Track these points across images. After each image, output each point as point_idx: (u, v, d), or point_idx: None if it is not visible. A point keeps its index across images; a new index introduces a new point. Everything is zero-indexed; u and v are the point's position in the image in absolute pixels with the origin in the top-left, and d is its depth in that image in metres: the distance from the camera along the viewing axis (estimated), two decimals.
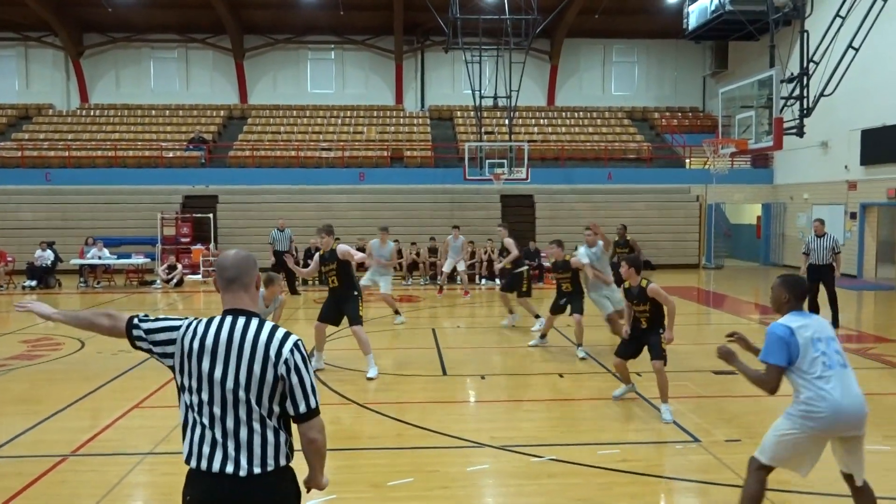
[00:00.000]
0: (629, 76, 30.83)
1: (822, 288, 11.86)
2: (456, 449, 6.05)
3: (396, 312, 12.77)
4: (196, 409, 2.73)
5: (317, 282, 19.16)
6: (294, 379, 2.72)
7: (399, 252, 19.51)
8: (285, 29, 29.18)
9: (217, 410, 2.69)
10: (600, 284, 9.91)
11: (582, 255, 10.17)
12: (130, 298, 16.54)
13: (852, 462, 4.16)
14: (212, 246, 21.53)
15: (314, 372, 8.48)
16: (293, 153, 24.96)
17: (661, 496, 5.19)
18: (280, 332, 2.78)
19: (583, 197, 23.71)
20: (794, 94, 14.20)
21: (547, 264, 20.39)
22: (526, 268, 12.00)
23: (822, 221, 12.31)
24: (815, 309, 11.69)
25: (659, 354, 6.88)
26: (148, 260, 19.91)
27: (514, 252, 11.78)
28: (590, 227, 10.51)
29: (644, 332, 7.10)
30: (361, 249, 19.35)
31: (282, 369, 2.70)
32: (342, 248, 8.66)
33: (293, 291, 16.78)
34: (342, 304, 8.69)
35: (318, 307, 12.84)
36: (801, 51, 14.09)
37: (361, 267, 17.43)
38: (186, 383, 2.76)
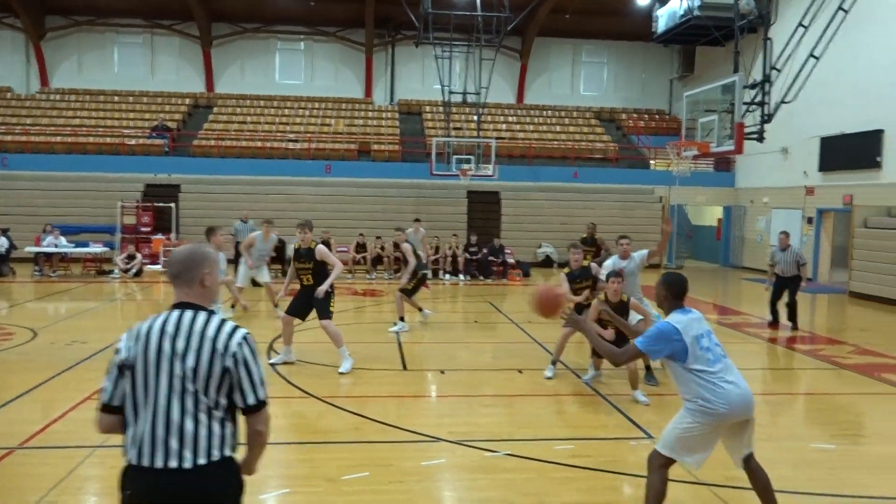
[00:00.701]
0: (598, 77, 31.10)
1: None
2: (413, 443, 6.06)
3: (276, 305, 12.42)
4: (139, 401, 2.70)
5: (279, 274, 18.99)
6: (242, 371, 2.74)
7: (363, 246, 19.47)
8: (255, 18, 28.81)
9: (162, 402, 2.67)
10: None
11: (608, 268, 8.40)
12: (87, 288, 16.21)
13: (741, 442, 4.36)
14: (173, 236, 21.20)
15: (283, 364, 8.52)
16: (259, 144, 24.68)
17: (613, 491, 5.26)
18: (228, 326, 2.79)
19: (549, 195, 23.88)
20: (756, 100, 14.45)
21: (511, 261, 20.58)
22: (425, 272, 11.80)
23: (786, 234, 12.52)
24: (774, 313, 12.45)
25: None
26: (106, 249, 19.51)
27: (412, 260, 11.18)
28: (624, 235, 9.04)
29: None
30: (326, 243, 19.27)
31: (230, 362, 2.71)
32: (321, 249, 8.59)
33: (255, 283, 16.59)
34: (313, 300, 8.60)
35: (281, 300, 12.75)
36: (765, 58, 14.34)
37: (380, 263, 17.33)
38: (130, 376, 2.73)
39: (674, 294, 4.32)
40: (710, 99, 15.42)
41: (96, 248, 19.00)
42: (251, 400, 2.77)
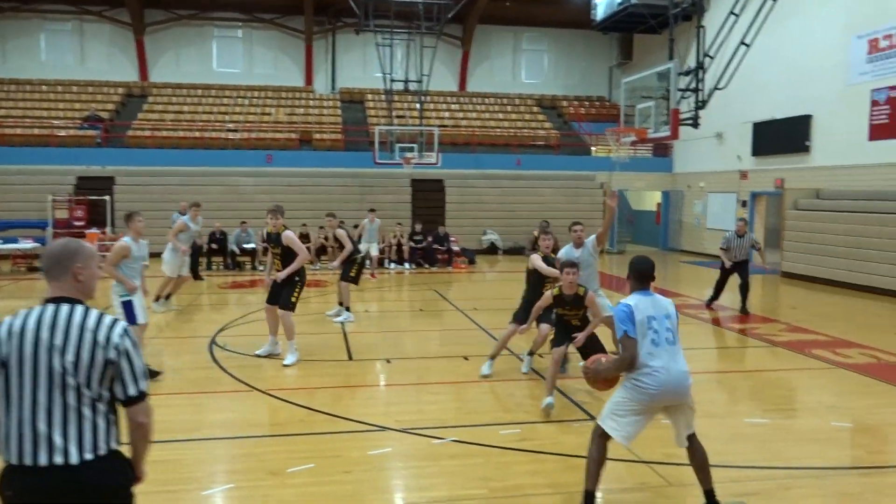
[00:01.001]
0: (539, 64, 31.35)
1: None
2: (359, 433, 6.04)
3: (167, 297, 12.28)
4: (13, 398, 2.64)
5: (221, 266, 18.64)
6: (125, 363, 2.74)
7: (307, 236, 19.26)
8: (189, 4, 28.00)
9: (42, 398, 2.62)
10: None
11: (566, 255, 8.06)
12: (18, 285, 15.62)
13: (681, 423, 4.58)
14: (108, 230, 20.54)
15: (269, 356, 8.39)
16: (197, 134, 24.07)
17: (558, 473, 5.35)
18: (108, 318, 2.78)
19: (492, 182, 24.02)
20: (691, 87, 14.79)
21: (456, 248, 20.66)
22: (360, 255, 11.84)
23: (745, 221, 12.85)
24: (716, 296, 12.69)
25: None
26: (37, 245, 18.77)
27: (348, 246, 11.07)
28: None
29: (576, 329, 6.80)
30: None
31: (112, 353, 2.70)
32: (288, 234, 8.43)
33: (196, 276, 16.26)
34: (281, 286, 8.48)
35: (222, 293, 12.55)
36: (698, 45, 14.68)
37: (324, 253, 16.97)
38: (4, 373, 2.66)
39: (636, 277, 4.53)
40: (648, 86, 15.71)
41: (26, 245, 18.28)
42: (132, 391, 2.78)
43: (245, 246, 18.56)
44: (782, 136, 19.37)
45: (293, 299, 8.48)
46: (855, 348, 9.47)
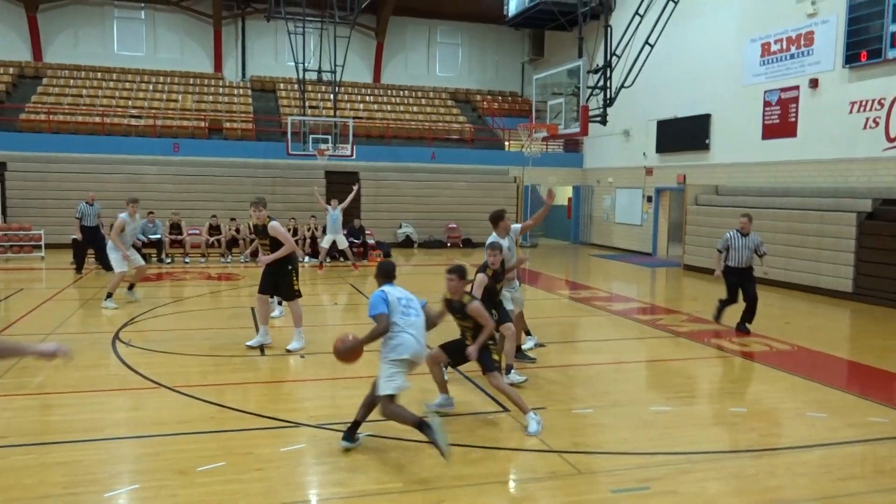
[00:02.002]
0: (453, 58, 31.52)
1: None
2: (272, 430, 5.94)
3: (130, 288, 12.26)
4: None
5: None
6: None
7: (217, 228, 18.73)
8: None
9: None
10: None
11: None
12: None
13: None
14: None
15: (264, 346, 8.47)
16: (97, 119, 22.91)
17: (470, 464, 5.41)
18: None
19: (407, 175, 24.02)
20: (599, 85, 15.24)
21: (372, 242, 20.55)
22: (301, 260, 11.45)
23: (749, 218, 10.49)
24: (720, 311, 10.74)
25: (491, 367, 6.12)
26: None
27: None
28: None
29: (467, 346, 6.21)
30: (176, 225, 18.33)
31: None
32: (274, 225, 8.64)
33: (107, 268, 15.55)
34: (276, 278, 8.74)
35: (126, 286, 12.02)
36: (606, 44, 15.14)
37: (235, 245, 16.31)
38: None
39: (383, 275, 5.88)
40: (558, 82, 16.07)
41: None
42: None
43: (151, 237, 17.82)
44: (684, 134, 20.25)
45: (295, 288, 8.80)
46: (749, 337, 10.03)
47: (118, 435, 5.78)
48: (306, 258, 19.06)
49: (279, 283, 8.79)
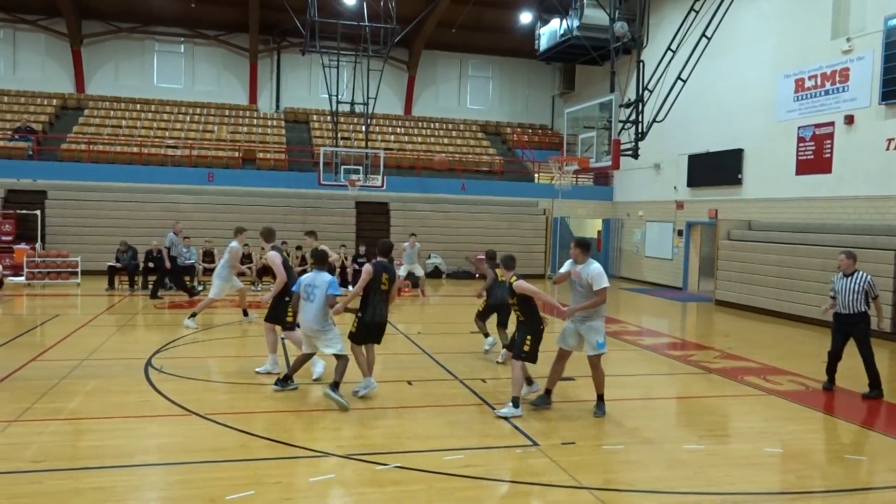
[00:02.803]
0: (484, 91, 31.83)
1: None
2: (301, 459, 5.94)
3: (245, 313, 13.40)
4: None
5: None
6: None
7: (248, 256, 18.97)
8: (129, 17, 27.46)
9: None
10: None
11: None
12: None
13: (311, 342, 7.99)
14: (38, 245, 19.77)
15: (268, 374, 8.81)
16: (135, 149, 23.49)
17: (499, 499, 5.37)
18: None
19: (436, 206, 24.16)
20: (631, 119, 15.26)
21: (402, 273, 20.59)
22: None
23: (849, 255, 8.83)
24: (832, 370, 9.05)
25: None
26: None
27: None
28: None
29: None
30: (209, 253, 18.58)
31: None
32: (270, 255, 8.98)
33: (184, 291, 16.82)
34: (275, 307, 9.01)
35: (159, 313, 12.23)
36: (638, 79, 15.18)
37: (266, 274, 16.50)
38: None
39: (318, 262, 7.93)
40: (589, 116, 16.13)
41: None
42: None
43: (186, 262, 18.07)
44: (716, 169, 20.12)
45: (288, 319, 8.77)
46: (784, 375, 9.83)
47: (149, 462, 5.83)
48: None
49: (278, 312, 8.92)
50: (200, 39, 28.56)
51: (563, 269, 7.91)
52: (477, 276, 13.99)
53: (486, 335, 10.57)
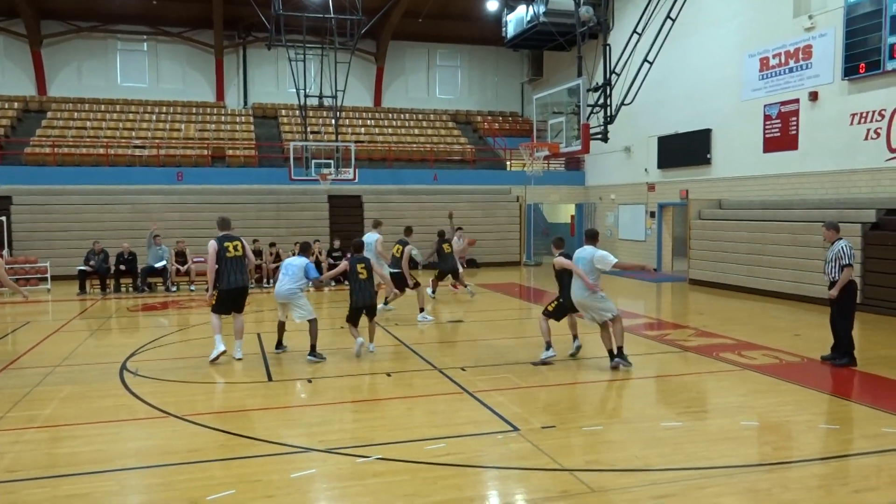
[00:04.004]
0: (453, 80, 31.75)
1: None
2: (282, 456, 5.91)
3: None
4: None
5: (130, 288, 17.90)
6: None
7: (260, 253, 18.76)
8: (89, 16, 26.90)
9: None
10: None
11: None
12: None
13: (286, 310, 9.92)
14: (5, 252, 19.38)
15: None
16: (101, 150, 23.10)
17: (483, 485, 5.40)
18: None
19: (410, 197, 24.10)
20: (599, 103, 15.31)
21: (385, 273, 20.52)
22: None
23: (829, 226, 9.08)
24: (836, 339, 9.13)
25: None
26: None
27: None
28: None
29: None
30: (181, 253, 18.36)
31: None
32: (209, 243, 9.58)
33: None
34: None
35: (133, 316, 12.07)
36: (605, 63, 15.24)
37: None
38: None
39: (302, 251, 9.91)
40: (558, 101, 16.18)
41: None
42: None
43: (158, 264, 17.88)
44: (685, 149, 20.31)
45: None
46: (758, 350, 9.98)
47: (128, 466, 5.76)
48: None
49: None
50: (163, 37, 28.10)
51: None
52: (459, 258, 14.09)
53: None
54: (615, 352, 8.92)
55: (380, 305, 13.67)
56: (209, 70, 28.57)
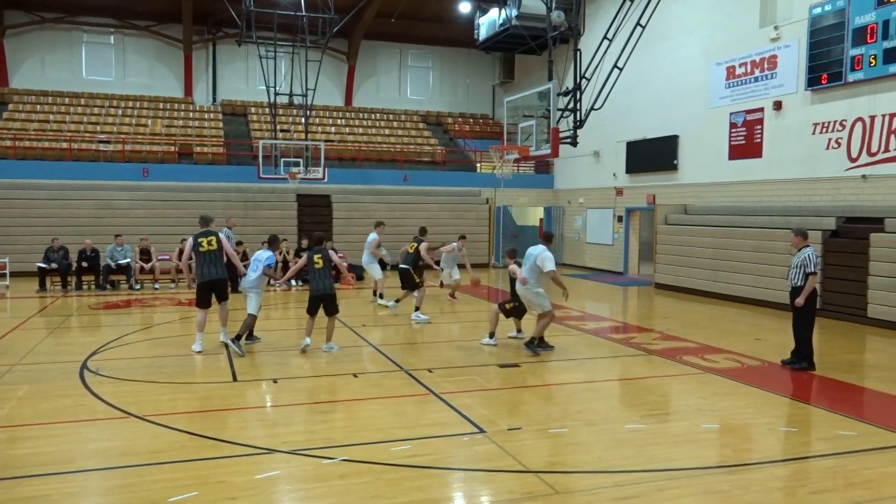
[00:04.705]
0: (424, 81, 31.74)
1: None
2: (246, 457, 5.85)
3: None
4: None
5: (93, 286, 17.58)
6: None
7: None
8: (55, 7, 26.34)
9: None
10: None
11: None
12: None
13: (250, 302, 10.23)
14: None
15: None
16: (65, 144, 22.63)
17: (447, 486, 5.40)
18: None
19: (379, 198, 24.04)
20: (569, 107, 15.45)
21: (344, 264, 20.42)
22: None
23: (796, 233, 9.30)
24: (796, 344, 9.35)
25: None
26: None
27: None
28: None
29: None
30: (146, 251, 18.06)
31: None
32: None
33: (234, 290, 15.94)
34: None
35: (95, 314, 11.83)
36: (575, 68, 15.38)
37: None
38: None
39: (271, 244, 10.42)
40: (529, 105, 16.28)
41: None
42: None
43: (120, 262, 17.58)
44: (653, 155, 20.58)
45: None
46: (720, 354, 10.15)
47: (88, 467, 5.65)
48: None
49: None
50: (131, 30, 27.63)
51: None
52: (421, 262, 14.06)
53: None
54: (535, 341, 9.97)
55: (382, 301, 14.76)
56: (177, 65, 28.17)
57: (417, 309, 13.16)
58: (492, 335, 10.58)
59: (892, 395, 8.05)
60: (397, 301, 14.00)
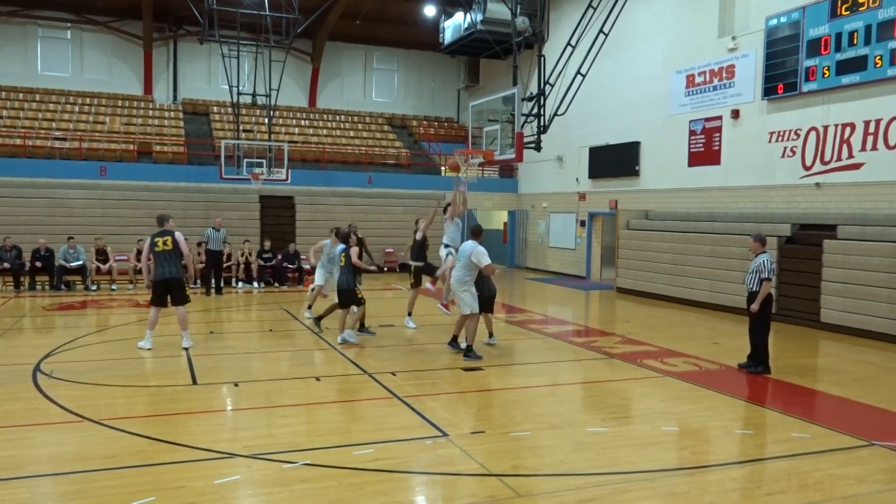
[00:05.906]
0: (389, 83, 31.68)
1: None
2: (205, 461, 5.76)
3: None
4: None
5: (47, 286, 17.14)
6: None
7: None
8: (8, 0, 25.66)
9: None
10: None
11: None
12: None
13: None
14: None
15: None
16: (18, 141, 22.02)
17: (410, 490, 5.39)
18: None
19: (343, 200, 23.90)
20: (533, 112, 15.55)
21: (307, 266, 20.27)
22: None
23: (755, 238, 9.46)
24: (752, 348, 9.53)
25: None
26: None
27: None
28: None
29: None
30: (102, 251, 17.68)
31: None
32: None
33: (218, 291, 17.02)
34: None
35: (48, 315, 11.52)
36: (539, 73, 15.50)
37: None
38: None
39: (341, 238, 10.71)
40: (494, 109, 16.33)
41: None
42: None
43: (73, 264, 17.18)
44: (615, 161, 20.84)
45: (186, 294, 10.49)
46: (679, 357, 10.32)
47: (40, 472, 5.50)
48: (240, 283, 18.71)
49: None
50: (89, 25, 27.02)
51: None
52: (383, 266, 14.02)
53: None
54: (464, 346, 9.88)
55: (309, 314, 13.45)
56: (137, 62, 27.65)
57: (409, 314, 12.95)
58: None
59: (843, 398, 8.27)
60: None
